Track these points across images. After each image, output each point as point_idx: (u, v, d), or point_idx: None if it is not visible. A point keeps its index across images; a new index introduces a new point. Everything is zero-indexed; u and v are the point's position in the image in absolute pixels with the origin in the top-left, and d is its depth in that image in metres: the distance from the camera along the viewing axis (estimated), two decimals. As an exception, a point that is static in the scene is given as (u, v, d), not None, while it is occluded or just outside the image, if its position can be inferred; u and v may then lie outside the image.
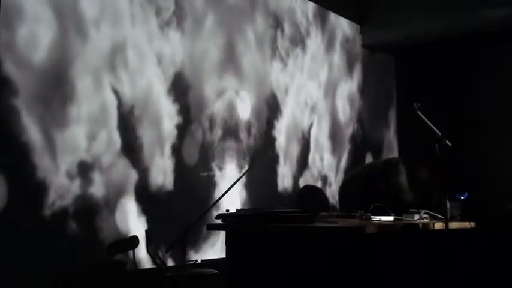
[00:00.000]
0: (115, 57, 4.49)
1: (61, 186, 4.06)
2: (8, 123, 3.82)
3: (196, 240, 4.95)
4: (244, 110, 5.59)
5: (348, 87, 7.08)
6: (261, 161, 5.60)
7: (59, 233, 4.02)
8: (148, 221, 4.58)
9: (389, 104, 7.77)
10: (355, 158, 6.99)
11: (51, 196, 4.01)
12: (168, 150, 4.83)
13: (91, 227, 4.24)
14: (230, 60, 5.49)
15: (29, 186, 3.91)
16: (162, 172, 4.76)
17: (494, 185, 6.33)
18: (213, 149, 5.23)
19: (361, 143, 7.20)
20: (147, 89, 4.71)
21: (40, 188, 3.95)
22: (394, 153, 7.57)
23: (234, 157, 5.42)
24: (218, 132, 5.29)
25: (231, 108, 5.45)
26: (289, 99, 6.16)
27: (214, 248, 5.03)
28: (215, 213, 3.64)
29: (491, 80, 6.99)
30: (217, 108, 5.30)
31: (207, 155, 5.17)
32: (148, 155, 4.67)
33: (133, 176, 4.55)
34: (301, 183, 6.17)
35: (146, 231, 4.23)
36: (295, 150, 6.16)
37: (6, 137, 3.81)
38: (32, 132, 3.92)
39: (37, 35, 3.99)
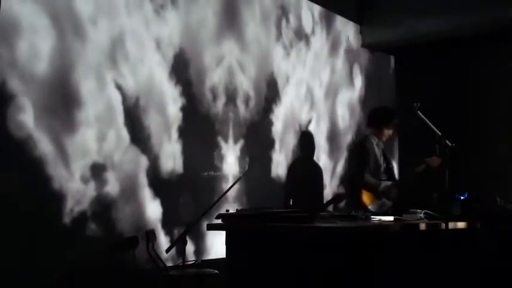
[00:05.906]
0: (115, 51, 4.47)
1: (78, 192, 4.12)
2: (19, 140, 3.82)
3: (196, 240, 4.95)
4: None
5: (349, 95, 7.04)
6: (259, 161, 5.60)
7: (80, 236, 4.11)
8: (162, 203, 4.72)
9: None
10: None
11: (69, 203, 4.07)
12: (174, 134, 4.89)
13: (109, 222, 4.33)
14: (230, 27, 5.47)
15: (47, 197, 3.96)
16: (171, 156, 4.83)
17: (494, 185, 6.32)
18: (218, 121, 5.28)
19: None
20: (149, 77, 4.71)
21: (57, 197, 4.00)
22: (394, 154, 7.54)
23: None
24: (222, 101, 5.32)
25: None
26: (289, 88, 6.10)
27: (214, 248, 5.02)
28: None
29: (491, 80, 6.98)
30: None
31: (213, 129, 5.23)
32: (157, 142, 4.73)
33: (144, 163, 4.62)
34: None
35: (146, 232, 4.23)
36: (291, 140, 6.10)
37: (19, 153, 3.82)
38: (44, 144, 3.94)
39: (36, 45, 3.95)
